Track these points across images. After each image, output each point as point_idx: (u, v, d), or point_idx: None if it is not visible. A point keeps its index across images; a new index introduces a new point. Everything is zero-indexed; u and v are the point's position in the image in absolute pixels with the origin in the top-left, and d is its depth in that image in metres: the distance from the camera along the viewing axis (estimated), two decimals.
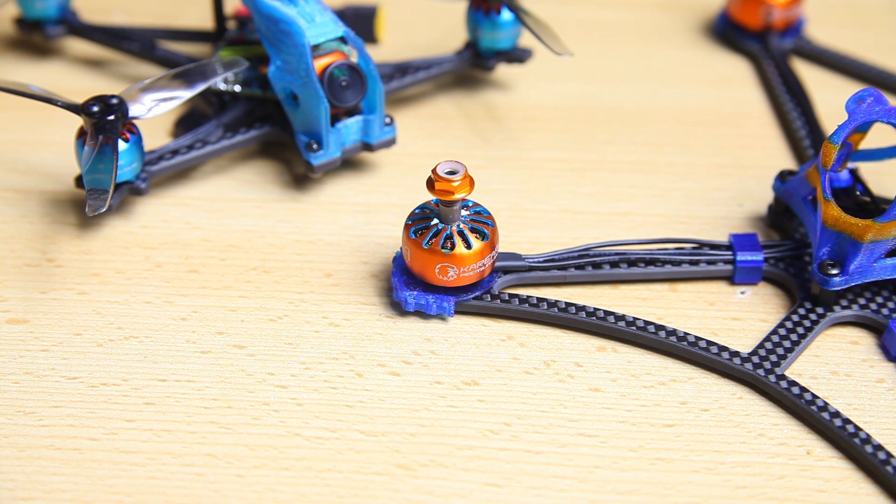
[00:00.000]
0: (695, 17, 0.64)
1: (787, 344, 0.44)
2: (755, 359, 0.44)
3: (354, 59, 0.49)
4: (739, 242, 0.47)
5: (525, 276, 0.47)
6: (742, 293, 0.47)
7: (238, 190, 0.52)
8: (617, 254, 0.47)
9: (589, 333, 0.46)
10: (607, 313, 0.45)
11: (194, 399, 0.43)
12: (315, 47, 0.48)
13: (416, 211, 0.45)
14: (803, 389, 0.43)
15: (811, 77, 0.59)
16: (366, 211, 0.51)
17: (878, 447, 0.41)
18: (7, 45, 0.60)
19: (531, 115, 0.56)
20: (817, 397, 0.42)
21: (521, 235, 0.50)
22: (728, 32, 0.61)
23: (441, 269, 0.44)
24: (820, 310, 0.46)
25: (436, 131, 0.55)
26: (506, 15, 0.54)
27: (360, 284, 0.47)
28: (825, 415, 0.42)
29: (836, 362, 0.45)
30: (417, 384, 0.44)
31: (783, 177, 0.49)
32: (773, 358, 0.44)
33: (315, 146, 0.49)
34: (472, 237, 0.44)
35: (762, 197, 0.52)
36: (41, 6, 0.57)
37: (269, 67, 0.50)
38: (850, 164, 0.48)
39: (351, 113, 0.50)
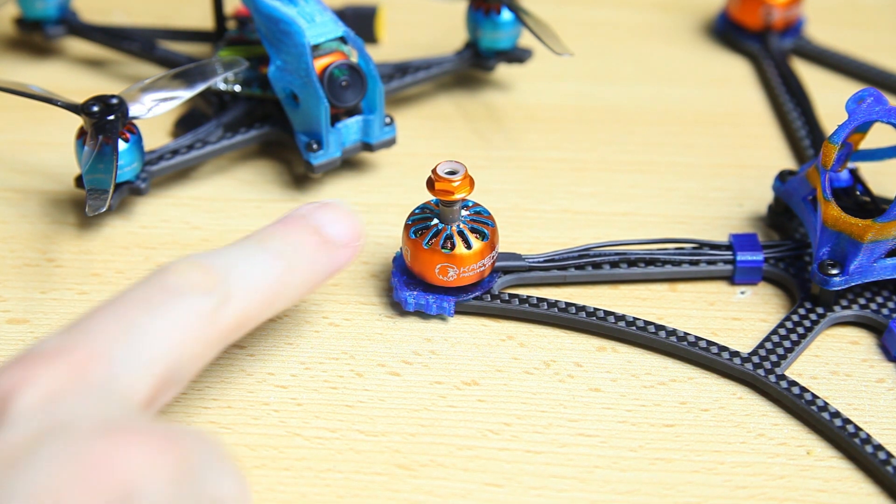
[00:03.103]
0: (695, 17, 0.64)
1: (787, 344, 0.44)
2: (755, 359, 0.44)
3: (354, 59, 0.49)
4: (739, 242, 0.47)
5: (525, 276, 0.47)
6: (742, 293, 0.47)
7: (238, 190, 0.52)
8: (617, 254, 0.47)
9: (589, 333, 0.46)
10: (607, 313, 0.45)
11: (194, 399, 0.43)
12: (315, 47, 0.48)
13: (416, 211, 0.45)
14: (803, 389, 0.43)
15: (811, 77, 0.59)
16: (366, 211, 0.51)
17: (878, 447, 0.41)
18: (7, 45, 0.60)
19: (531, 115, 0.57)
20: (817, 397, 0.42)
21: (521, 235, 0.50)
22: (728, 32, 0.61)
23: (441, 269, 0.44)
24: (820, 310, 0.46)
25: (436, 131, 0.55)
26: (506, 15, 0.54)
27: (360, 284, 0.47)
28: (825, 415, 0.42)
29: (836, 362, 0.45)
30: (417, 384, 0.44)
31: (783, 177, 0.49)
32: (773, 358, 0.44)
33: (315, 146, 0.49)
34: (472, 237, 0.44)
35: (762, 197, 0.52)
36: (41, 6, 0.57)
37: (269, 67, 0.50)
38: (850, 164, 0.48)
39: (351, 113, 0.50)
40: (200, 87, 0.49)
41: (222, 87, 0.53)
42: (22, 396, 0.31)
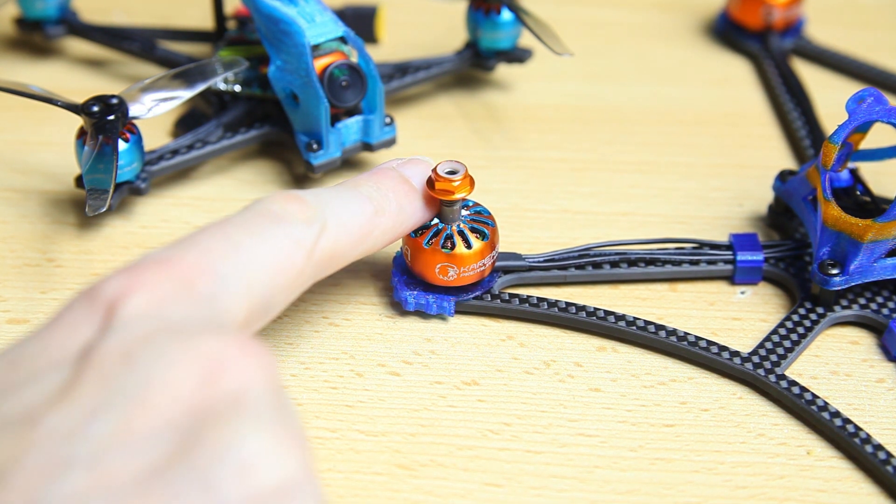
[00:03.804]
0: (695, 17, 0.64)
1: (787, 344, 0.44)
2: (755, 359, 0.44)
3: (354, 59, 0.49)
4: (739, 242, 0.47)
5: (525, 275, 0.47)
6: (742, 293, 0.47)
7: (238, 190, 0.52)
8: (617, 254, 0.47)
9: (589, 333, 0.46)
10: (607, 313, 0.45)
11: None
12: (315, 47, 0.48)
13: None
14: (803, 389, 0.43)
15: (811, 77, 0.59)
16: None
17: (878, 447, 0.41)
18: (7, 45, 0.60)
19: (531, 115, 0.57)
20: (817, 397, 0.42)
21: (521, 235, 0.50)
22: (728, 32, 0.61)
23: (441, 268, 0.44)
24: (820, 310, 0.46)
25: (436, 131, 0.55)
26: (506, 15, 0.54)
27: (360, 284, 0.47)
28: (825, 415, 0.42)
29: (836, 362, 0.45)
30: (417, 384, 0.44)
31: (783, 177, 0.49)
32: (773, 358, 0.44)
33: (315, 146, 0.49)
34: (472, 237, 0.44)
35: (762, 197, 0.52)
36: (41, 6, 0.57)
37: (269, 67, 0.50)
38: (850, 164, 0.48)
39: (351, 113, 0.50)
40: (200, 87, 0.49)
41: (222, 87, 0.53)
42: (132, 300, 0.32)
